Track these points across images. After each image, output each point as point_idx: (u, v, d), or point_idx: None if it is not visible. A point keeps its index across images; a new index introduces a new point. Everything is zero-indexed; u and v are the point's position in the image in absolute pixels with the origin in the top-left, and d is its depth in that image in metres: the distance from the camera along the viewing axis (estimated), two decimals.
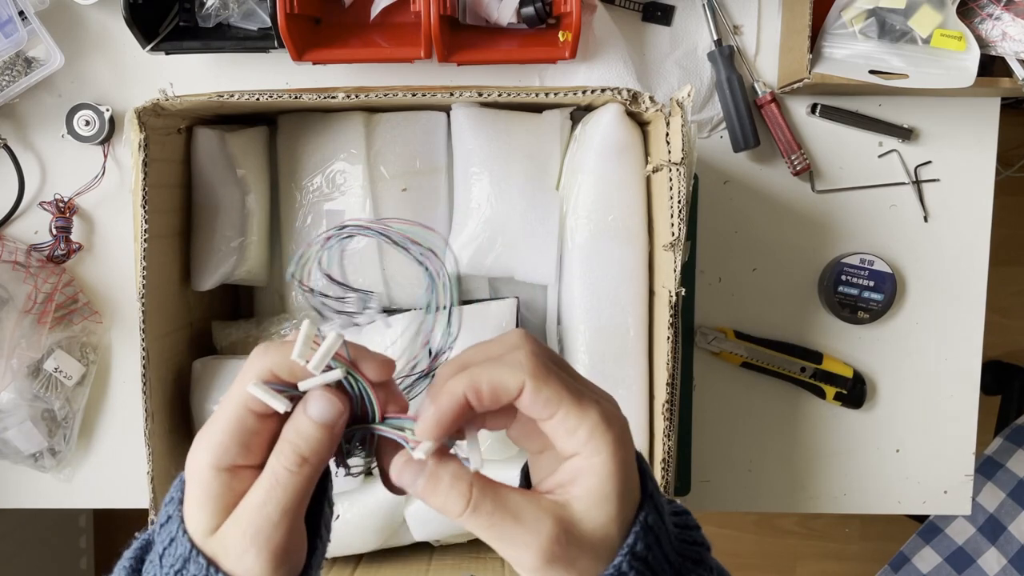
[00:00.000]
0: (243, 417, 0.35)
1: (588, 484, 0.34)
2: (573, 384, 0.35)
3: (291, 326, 0.77)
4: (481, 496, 0.34)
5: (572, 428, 0.34)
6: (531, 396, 0.34)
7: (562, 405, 0.34)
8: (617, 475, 0.34)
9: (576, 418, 0.34)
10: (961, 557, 1.17)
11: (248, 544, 0.34)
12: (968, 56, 0.78)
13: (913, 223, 0.90)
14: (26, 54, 0.84)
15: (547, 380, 0.34)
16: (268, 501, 0.34)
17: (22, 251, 0.86)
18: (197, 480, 0.35)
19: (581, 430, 0.34)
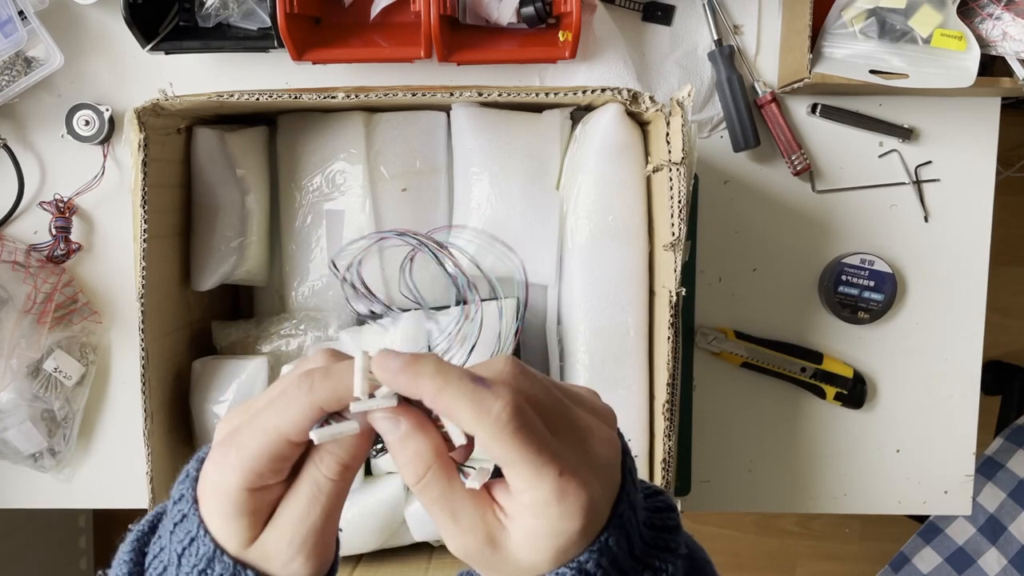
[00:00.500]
0: (280, 446, 0.34)
1: (523, 532, 0.33)
2: (537, 441, 0.32)
3: (291, 326, 0.77)
4: (433, 481, 0.34)
5: (520, 489, 0.33)
6: (483, 445, 0.33)
7: (514, 467, 0.32)
8: (557, 537, 0.32)
9: (524, 483, 0.32)
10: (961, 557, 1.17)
11: (295, 552, 0.34)
12: (968, 56, 0.78)
13: (913, 223, 0.89)
14: (26, 54, 0.84)
15: (502, 437, 0.32)
16: (312, 510, 0.34)
17: (22, 251, 0.86)
18: (226, 500, 0.34)
19: (526, 495, 0.32)
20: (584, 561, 0.33)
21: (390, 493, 0.72)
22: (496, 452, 0.32)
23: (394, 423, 0.34)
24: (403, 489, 0.73)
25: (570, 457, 0.33)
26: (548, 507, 0.32)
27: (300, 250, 0.78)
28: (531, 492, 0.32)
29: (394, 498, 0.72)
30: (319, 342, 0.76)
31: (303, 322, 0.77)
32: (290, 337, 0.77)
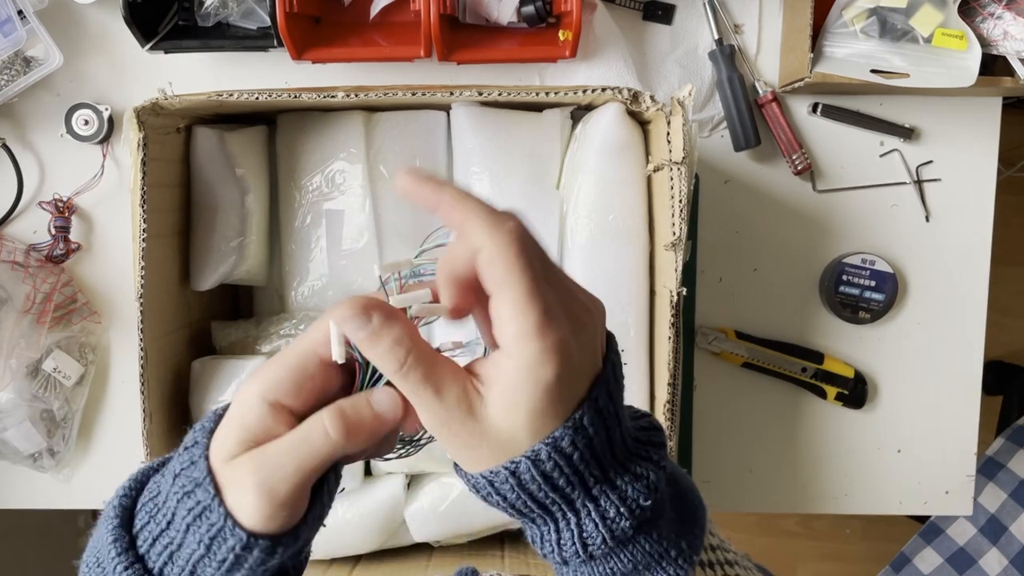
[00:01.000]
0: (307, 358, 0.35)
1: (500, 388, 0.34)
2: (534, 271, 0.33)
3: (291, 326, 0.77)
4: (416, 362, 0.34)
5: (505, 318, 0.33)
6: (486, 262, 0.33)
7: (508, 290, 0.33)
8: (536, 392, 0.33)
9: (512, 309, 0.33)
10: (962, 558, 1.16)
11: (252, 484, 0.34)
12: (969, 55, 0.78)
13: (914, 223, 0.89)
14: (25, 53, 0.84)
15: (508, 253, 0.33)
16: (289, 453, 0.34)
17: (21, 251, 0.86)
18: (239, 405, 0.36)
19: (509, 325, 0.33)
20: (559, 437, 0.33)
21: (390, 493, 0.72)
22: (498, 271, 0.33)
23: (364, 319, 0.34)
24: (403, 489, 0.73)
25: (557, 306, 0.34)
26: (528, 341, 0.32)
27: (300, 250, 0.77)
28: (516, 322, 0.32)
29: (394, 498, 0.72)
30: None
31: (303, 322, 0.77)
32: (290, 337, 0.77)
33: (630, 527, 0.36)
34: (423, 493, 0.73)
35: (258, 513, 0.34)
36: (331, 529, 0.72)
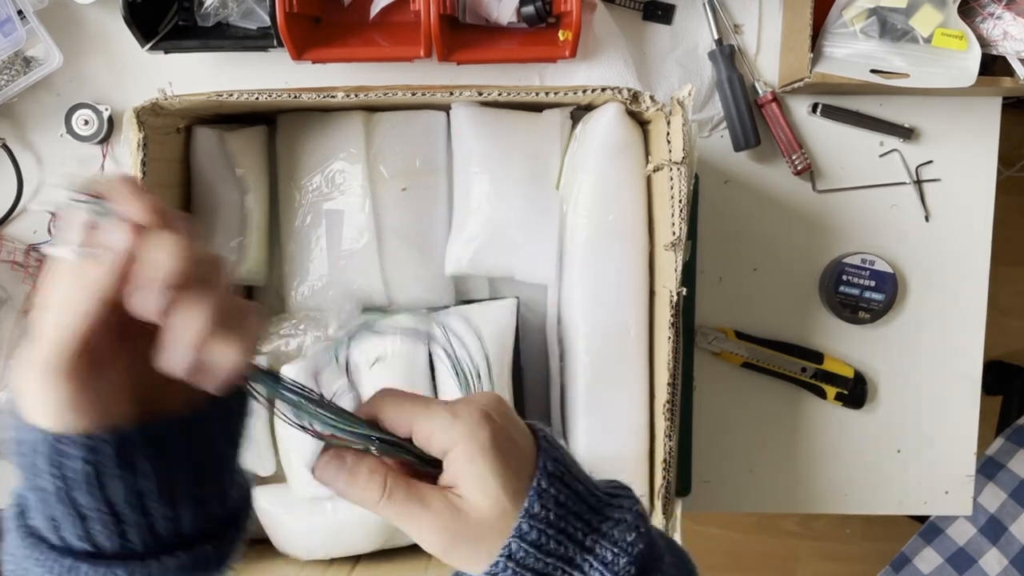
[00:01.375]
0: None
1: (465, 470, 0.38)
2: (421, 402, 0.40)
3: (291, 326, 0.77)
4: (395, 486, 0.38)
5: (429, 434, 0.38)
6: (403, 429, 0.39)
7: (419, 426, 0.39)
8: (486, 452, 0.37)
9: (430, 427, 0.38)
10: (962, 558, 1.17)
11: (29, 372, 0.33)
12: (969, 55, 0.78)
13: (914, 223, 0.89)
14: (25, 53, 0.84)
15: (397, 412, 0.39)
16: (49, 317, 0.33)
17: (21, 251, 0.86)
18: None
19: (436, 436, 0.38)
20: (529, 507, 0.38)
21: None
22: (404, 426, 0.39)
23: (338, 464, 0.38)
24: None
25: (446, 403, 0.40)
26: (452, 427, 0.38)
27: (300, 250, 0.77)
28: (439, 431, 0.38)
29: None
30: (318, 342, 0.76)
31: (302, 322, 0.77)
32: (289, 337, 0.77)
33: (631, 566, 0.38)
34: None
35: (40, 400, 0.33)
36: (331, 529, 0.72)
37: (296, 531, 0.73)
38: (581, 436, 0.75)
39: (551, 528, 0.37)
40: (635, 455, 0.74)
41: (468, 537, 0.37)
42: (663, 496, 0.70)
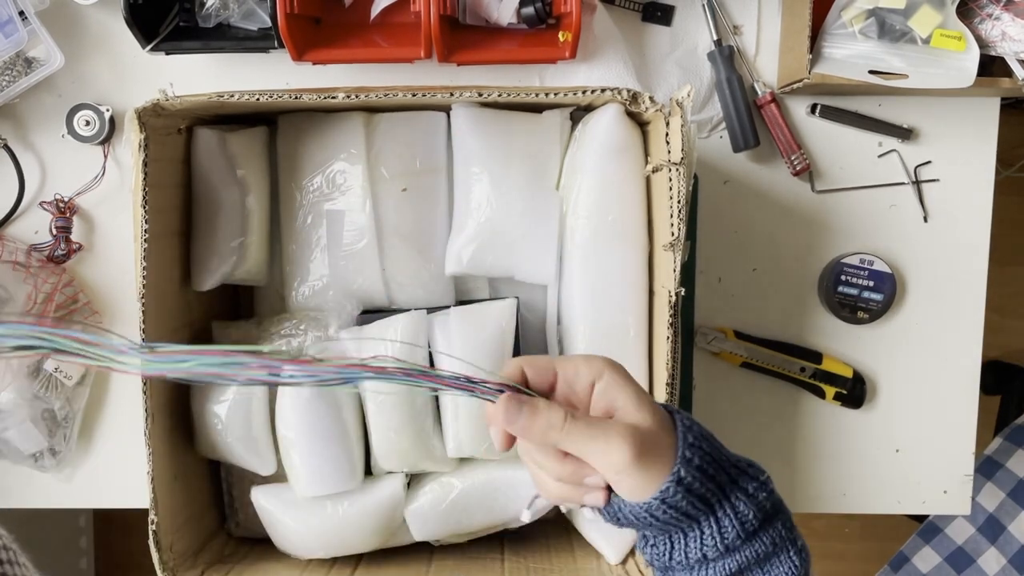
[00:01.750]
0: None
1: (622, 392, 0.44)
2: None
3: (291, 326, 0.77)
4: (573, 419, 0.43)
5: (578, 369, 0.45)
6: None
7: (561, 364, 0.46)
8: (631, 377, 0.45)
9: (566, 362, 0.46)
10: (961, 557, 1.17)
11: None
12: (968, 56, 0.78)
13: (913, 223, 0.90)
14: (26, 54, 0.84)
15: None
16: None
17: (22, 251, 0.86)
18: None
19: (581, 363, 0.45)
20: (682, 422, 0.45)
21: (390, 493, 0.73)
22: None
23: (518, 404, 0.44)
24: (403, 488, 0.73)
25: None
26: (594, 360, 0.46)
27: (300, 250, 0.78)
28: (584, 366, 0.46)
29: (394, 498, 0.73)
30: (319, 342, 0.76)
31: (303, 322, 0.77)
32: (290, 337, 0.77)
33: (757, 521, 0.44)
34: (423, 492, 0.73)
35: None
36: (332, 529, 0.72)
37: (296, 531, 0.73)
38: None
39: (711, 467, 0.44)
40: None
41: (649, 446, 0.43)
42: None
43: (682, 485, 0.43)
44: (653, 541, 0.47)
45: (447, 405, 0.73)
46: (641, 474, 0.43)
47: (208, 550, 0.76)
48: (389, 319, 0.73)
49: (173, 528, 0.71)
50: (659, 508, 0.43)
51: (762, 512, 0.45)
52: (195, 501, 0.77)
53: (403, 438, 0.72)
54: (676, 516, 0.44)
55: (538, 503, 0.52)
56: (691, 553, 0.45)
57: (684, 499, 0.43)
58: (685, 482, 0.43)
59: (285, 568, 0.75)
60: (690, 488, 0.43)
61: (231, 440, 0.73)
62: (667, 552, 0.46)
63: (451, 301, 0.79)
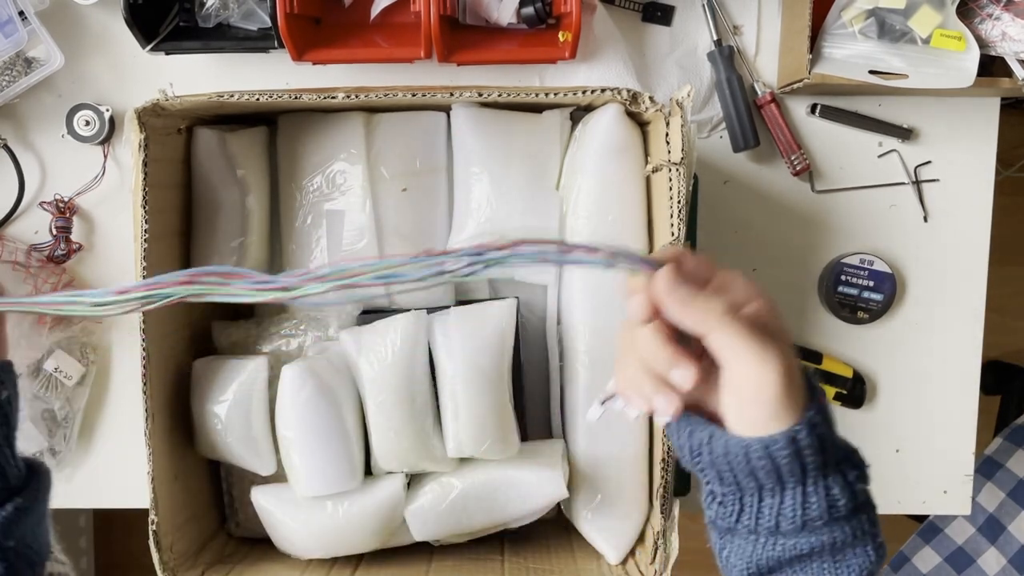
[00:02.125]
0: None
1: (775, 323, 0.43)
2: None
3: (291, 326, 0.77)
4: (736, 311, 0.42)
5: (735, 284, 0.44)
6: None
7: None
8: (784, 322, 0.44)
9: (726, 274, 0.44)
10: (961, 557, 1.17)
11: None
12: (968, 56, 0.78)
13: (913, 223, 0.90)
14: (26, 54, 0.84)
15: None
16: None
17: (22, 251, 0.86)
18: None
19: (743, 286, 0.43)
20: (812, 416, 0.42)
21: (390, 493, 0.73)
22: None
23: (682, 281, 0.42)
24: (403, 488, 0.73)
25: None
26: (752, 282, 0.44)
27: (300, 250, 0.78)
28: (741, 283, 0.44)
29: (394, 498, 0.73)
30: (319, 342, 0.76)
31: (303, 322, 0.77)
32: (290, 337, 0.77)
33: (845, 509, 0.42)
34: (423, 492, 0.73)
35: None
36: (332, 529, 0.72)
37: (296, 531, 0.73)
38: (581, 436, 0.75)
39: (821, 440, 0.41)
40: (634, 455, 0.74)
41: (791, 387, 0.41)
42: (661, 495, 0.70)
43: (795, 443, 0.40)
44: (721, 499, 0.45)
45: (447, 405, 0.73)
46: (768, 408, 0.41)
47: (208, 550, 0.76)
48: (389, 319, 0.73)
49: (173, 528, 0.71)
50: (758, 454, 0.41)
51: (853, 502, 0.42)
52: (195, 501, 0.77)
53: (403, 438, 0.72)
54: (765, 471, 0.41)
55: (613, 404, 0.49)
56: (763, 520, 0.43)
57: (788, 457, 0.41)
58: (799, 441, 0.41)
59: (285, 568, 0.75)
60: (799, 450, 0.41)
61: (231, 440, 0.73)
62: (735, 513, 0.44)
63: (451, 301, 0.79)
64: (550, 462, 0.73)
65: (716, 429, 0.43)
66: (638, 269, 0.43)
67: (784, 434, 0.40)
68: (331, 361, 0.73)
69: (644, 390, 0.44)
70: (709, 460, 0.43)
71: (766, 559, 0.43)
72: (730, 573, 0.46)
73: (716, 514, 0.45)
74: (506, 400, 0.73)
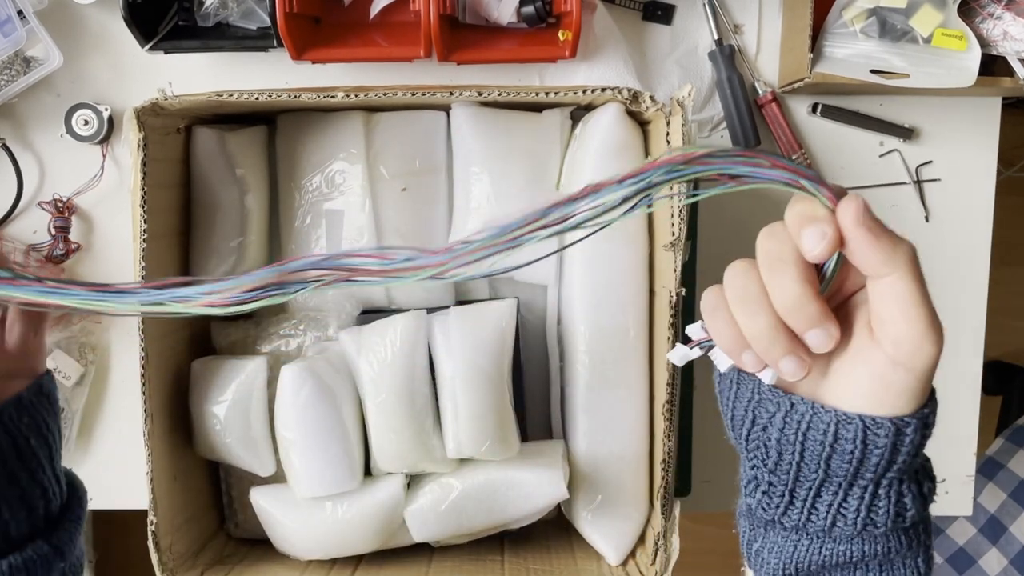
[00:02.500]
0: None
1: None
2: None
3: (290, 326, 0.77)
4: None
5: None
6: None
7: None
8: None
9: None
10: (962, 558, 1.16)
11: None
12: (969, 55, 0.78)
13: (914, 223, 0.89)
14: (25, 53, 0.84)
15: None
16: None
17: (21, 251, 0.86)
18: None
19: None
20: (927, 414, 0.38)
21: (390, 494, 0.72)
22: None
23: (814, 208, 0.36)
24: (403, 489, 0.73)
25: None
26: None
27: (300, 250, 0.77)
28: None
29: (394, 499, 0.72)
30: (318, 342, 0.76)
31: (303, 322, 0.77)
32: (290, 337, 0.77)
33: (909, 521, 0.37)
34: (423, 493, 0.73)
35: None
36: (331, 530, 0.72)
37: (295, 532, 0.73)
38: (581, 436, 0.75)
39: (915, 445, 0.37)
40: (635, 455, 0.74)
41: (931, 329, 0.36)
42: (662, 496, 0.70)
43: (901, 436, 0.35)
44: (767, 488, 0.39)
45: (447, 406, 0.72)
46: (910, 381, 0.36)
47: (207, 551, 0.76)
48: (389, 319, 0.73)
49: (172, 529, 0.70)
50: (849, 435, 0.35)
51: (919, 514, 0.38)
52: (194, 502, 0.76)
53: (403, 438, 0.72)
54: (843, 460, 0.36)
55: (717, 357, 0.44)
56: (816, 518, 0.38)
57: (883, 448, 0.35)
58: (906, 436, 0.36)
59: (285, 569, 0.74)
60: (899, 443, 0.35)
61: (230, 441, 0.73)
62: (782, 506, 0.38)
63: (451, 301, 0.79)
64: (550, 462, 0.72)
65: (799, 399, 0.37)
66: (820, 194, 0.36)
67: (888, 423, 0.35)
68: (330, 361, 0.73)
69: (772, 349, 0.37)
70: (777, 437, 0.38)
71: (808, 562, 0.38)
72: (759, 568, 0.41)
73: (757, 503, 0.40)
74: (506, 400, 0.72)
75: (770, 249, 0.37)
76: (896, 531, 0.38)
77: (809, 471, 0.37)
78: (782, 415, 0.38)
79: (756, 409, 0.40)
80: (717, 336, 0.41)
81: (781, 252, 0.36)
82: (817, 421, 0.37)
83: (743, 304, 0.38)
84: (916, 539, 0.38)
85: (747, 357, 0.39)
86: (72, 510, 0.45)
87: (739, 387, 0.41)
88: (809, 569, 0.39)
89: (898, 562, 0.38)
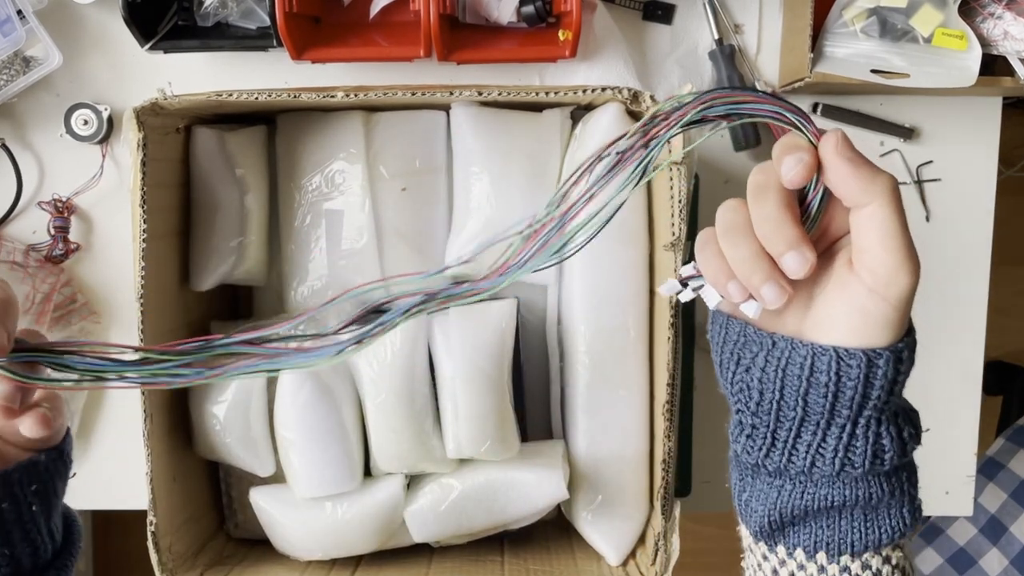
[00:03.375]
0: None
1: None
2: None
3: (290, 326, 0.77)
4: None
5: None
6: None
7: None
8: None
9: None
10: (962, 558, 1.16)
11: None
12: (970, 55, 0.78)
13: (914, 223, 0.89)
14: (24, 53, 0.84)
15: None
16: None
17: (20, 251, 0.86)
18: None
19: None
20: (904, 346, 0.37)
21: (390, 494, 0.72)
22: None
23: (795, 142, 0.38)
24: (403, 489, 0.73)
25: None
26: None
27: (299, 250, 0.77)
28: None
29: (394, 499, 0.72)
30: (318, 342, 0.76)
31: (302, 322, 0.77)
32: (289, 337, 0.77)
33: (888, 464, 0.38)
34: (423, 493, 0.73)
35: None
36: (331, 530, 0.72)
37: (295, 532, 0.73)
38: (581, 436, 0.75)
39: (904, 373, 0.38)
40: (635, 455, 0.74)
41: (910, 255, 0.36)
42: (662, 496, 0.70)
43: (873, 367, 0.36)
44: (751, 431, 0.40)
45: (447, 406, 0.72)
46: (886, 310, 0.36)
47: (207, 551, 0.76)
48: None
49: (172, 529, 0.70)
50: (824, 367, 0.36)
51: (900, 459, 0.38)
52: (194, 502, 0.76)
53: (402, 439, 0.72)
54: (819, 395, 0.37)
55: (693, 285, 0.45)
56: (796, 459, 0.38)
57: (856, 380, 0.36)
58: (878, 368, 0.36)
59: (284, 569, 0.74)
60: (871, 375, 0.36)
61: (230, 441, 0.73)
62: (764, 447, 0.39)
63: None
64: (550, 463, 0.72)
65: (780, 336, 0.39)
66: (805, 129, 0.38)
67: (860, 356, 0.36)
68: None
69: (753, 275, 0.38)
70: (759, 376, 0.39)
71: (791, 507, 0.39)
72: (748, 519, 0.42)
73: (742, 448, 0.41)
74: (506, 400, 0.72)
75: (757, 181, 0.39)
76: (876, 476, 0.38)
77: (788, 409, 0.38)
78: (764, 354, 0.39)
79: (741, 351, 0.41)
80: (705, 267, 0.42)
81: (766, 182, 0.39)
82: (795, 355, 0.38)
83: (729, 234, 0.40)
84: (899, 487, 0.39)
85: (732, 287, 0.40)
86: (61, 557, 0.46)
87: (727, 330, 0.43)
88: (792, 515, 0.39)
89: (882, 510, 0.39)
